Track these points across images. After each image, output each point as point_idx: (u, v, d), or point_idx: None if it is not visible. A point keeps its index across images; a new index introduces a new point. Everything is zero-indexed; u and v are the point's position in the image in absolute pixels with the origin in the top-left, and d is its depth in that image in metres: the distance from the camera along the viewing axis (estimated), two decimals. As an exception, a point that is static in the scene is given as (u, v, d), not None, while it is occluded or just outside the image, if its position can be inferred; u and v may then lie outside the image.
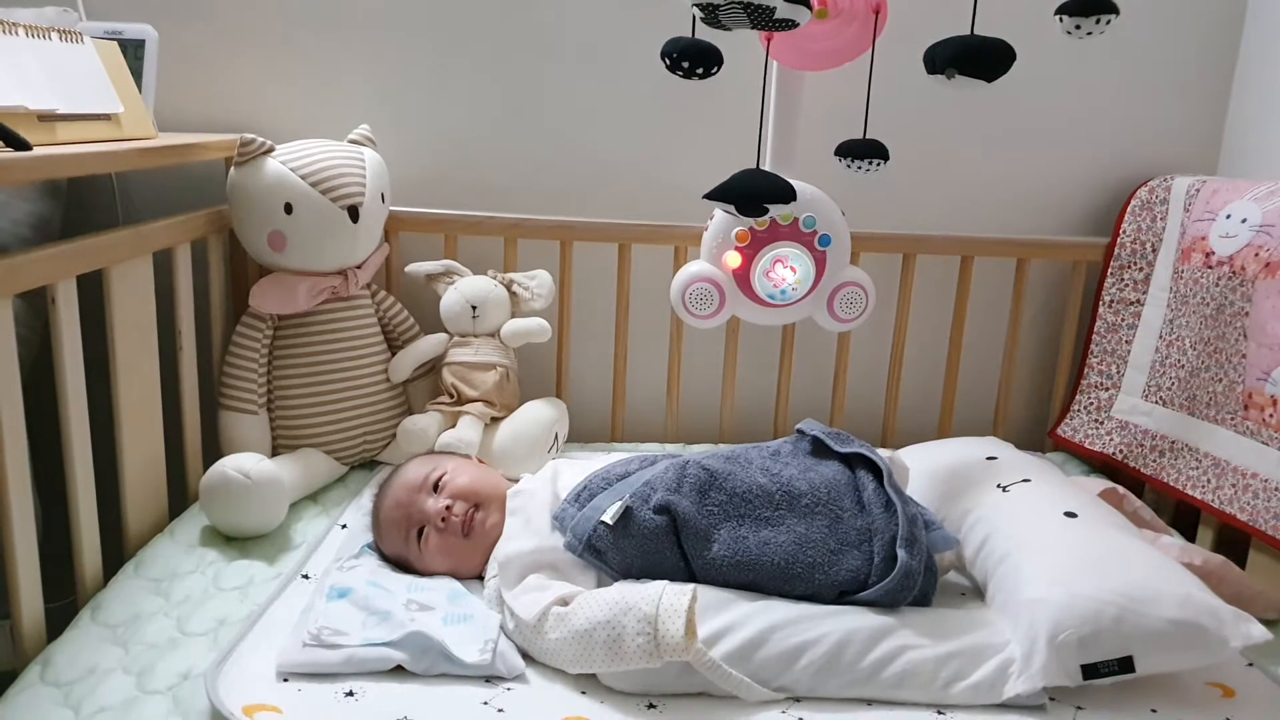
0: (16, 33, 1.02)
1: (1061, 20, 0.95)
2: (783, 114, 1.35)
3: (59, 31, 1.10)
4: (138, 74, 1.26)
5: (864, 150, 1.17)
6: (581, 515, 1.02)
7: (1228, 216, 1.32)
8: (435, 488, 1.10)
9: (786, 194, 1.04)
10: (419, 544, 1.07)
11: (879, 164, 1.17)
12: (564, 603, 0.93)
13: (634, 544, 0.99)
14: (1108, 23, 0.94)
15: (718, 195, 1.06)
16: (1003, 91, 1.27)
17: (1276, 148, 1.46)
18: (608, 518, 0.98)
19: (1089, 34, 0.94)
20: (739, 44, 1.32)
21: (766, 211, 1.07)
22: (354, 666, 0.89)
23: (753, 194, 1.04)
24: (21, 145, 0.92)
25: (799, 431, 1.17)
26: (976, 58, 0.96)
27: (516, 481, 1.18)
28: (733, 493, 1.03)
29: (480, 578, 1.07)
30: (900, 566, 0.96)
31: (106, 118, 1.14)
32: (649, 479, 1.04)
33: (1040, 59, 1.48)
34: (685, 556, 1.00)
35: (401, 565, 1.10)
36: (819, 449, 1.13)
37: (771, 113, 1.36)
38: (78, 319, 1.02)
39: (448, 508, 1.07)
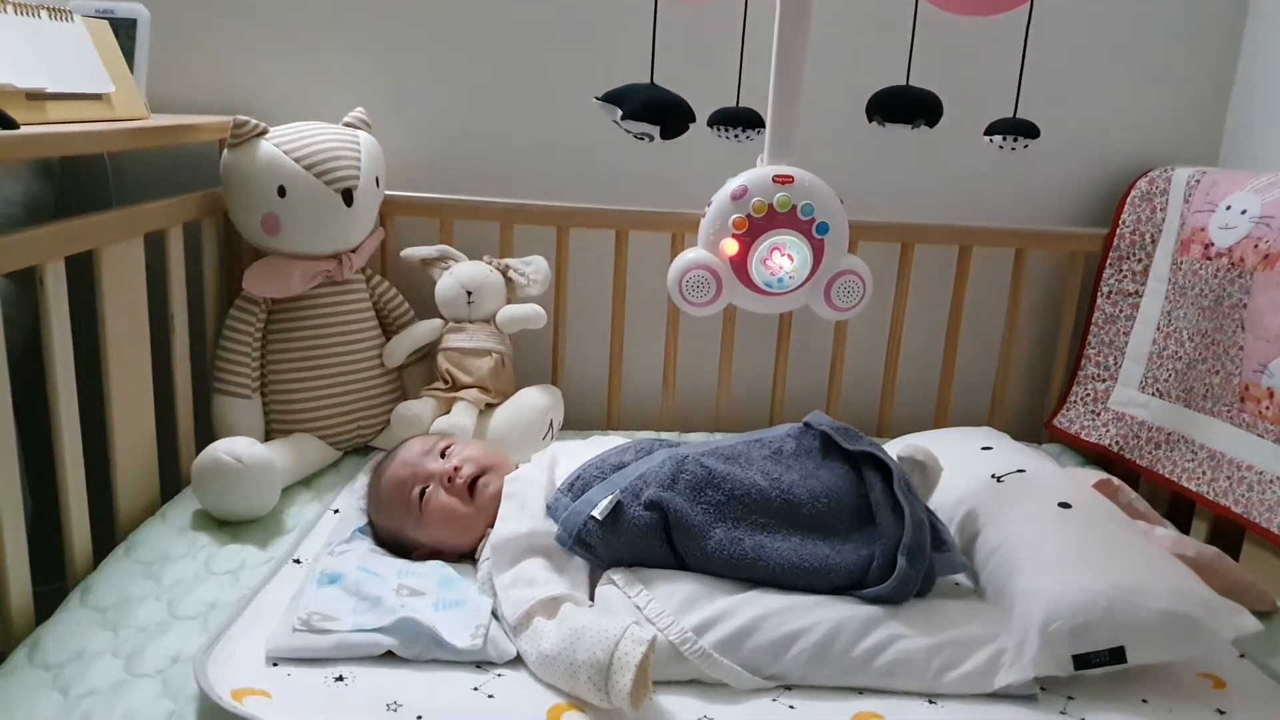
0: (6, 10, 1.01)
1: (992, 140, 1.20)
2: (782, 100, 1.34)
3: (49, 9, 1.08)
4: (129, 53, 1.25)
5: (738, 118, 1.20)
6: (572, 509, 1.01)
7: (1227, 208, 1.31)
8: (442, 455, 1.12)
9: (689, 111, 1.01)
10: (420, 505, 1.07)
11: (758, 132, 1.21)
12: (548, 610, 0.92)
13: (623, 539, 0.98)
14: (1026, 145, 1.19)
15: (637, 116, 1.00)
16: (1003, 81, 1.26)
17: (1278, 139, 1.45)
18: (597, 513, 0.98)
19: (1014, 149, 1.19)
20: (738, 35, 1.31)
21: (686, 130, 1.02)
22: (344, 652, 0.89)
23: (666, 108, 1.00)
24: (9, 124, 0.91)
25: (806, 424, 1.14)
26: (932, 110, 1.21)
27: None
28: (730, 494, 1.01)
29: (473, 559, 1.07)
30: (898, 574, 0.94)
31: (97, 97, 1.13)
32: (643, 472, 1.03)
33: (1039, 48, 1.47)
34: (676, 551, 0.99)
35: (395, 545, 1.09)
36: (825, 445, 1.09)
37: (772, 98, 1.34)
38: (66, 300, 1.01)
39: (455, 468, 1.08)
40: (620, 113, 1.03)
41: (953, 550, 1.01)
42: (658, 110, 0.95)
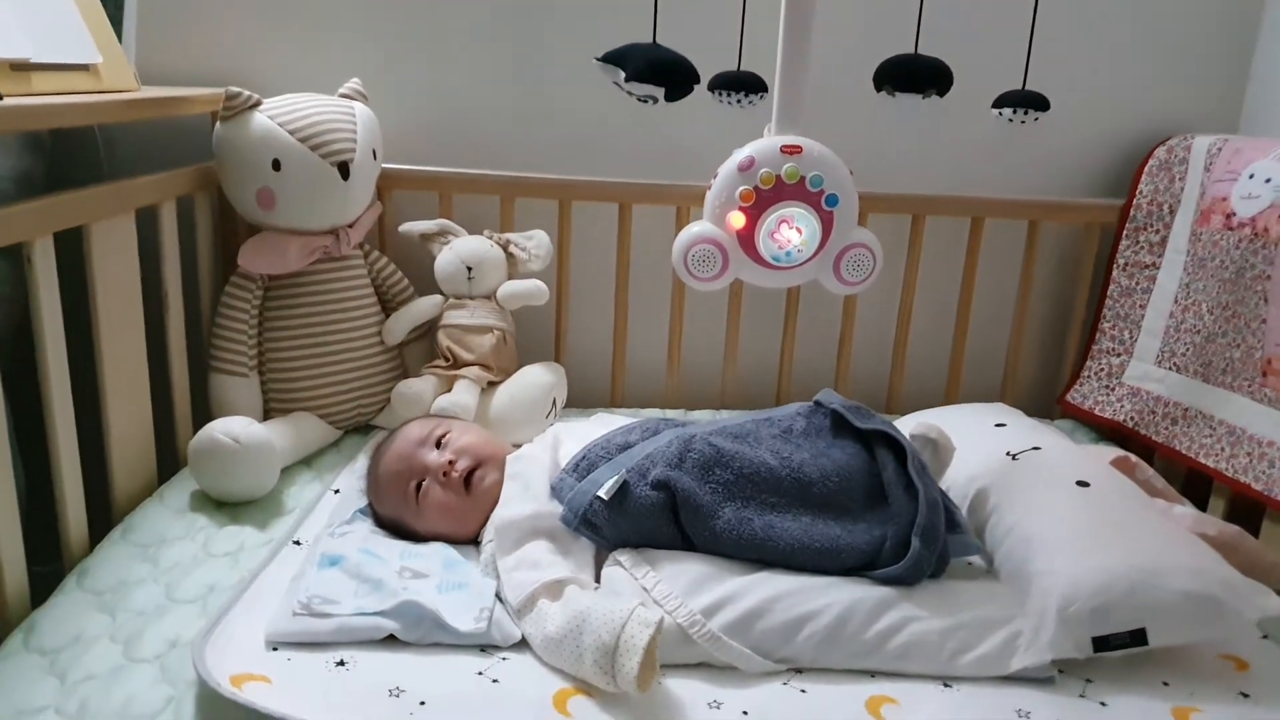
0: (-14, -24, 0.98)
1: (1000, 113, 1.14)
2: (790, 69, 1.30)
3: (32, -24, 1.05)
4: (117, 23, 1.22)
5: (740, 82, 1.19)
6: (578, 489, 0.99)
7: (1250, 176, 1.28)
8: (438, 445, 1.09)
9: (694, 72, 0.97)
10: (417, 498, 1.05)
11: (760, 96, 1.19)
12: (552, 593, 0.90)
13: (629, 520, 0.96)
14: (1036, 118, 1.13)
15: (641, 77, 0.95)
16: (1015, 47, 1.22)
17: (1302, 105, 1.41)
18: (603, 493, 0.96)
19: (1024, 122, 1.13)
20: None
21: (691, 91, 0.97)
22: (345, 636, 0.87)
23: (671, 69, 0.94)
24: (-9, 94, 0.88)
25: (816, 403, 1.12)
26: (943, 79, 1.14)
27: (515, 446, 1.15)
28: (739, 473, 0.99)
29: (475, 543, 1.05)
30: (911, 555, 0.92)
31: (85, 68, 1.09)
32: (650, 452, 1.01)
33: (1053, 13, 1.42)
34: (684, 532, 0.97)
35: (396, 528, 1.08)
36: (837, 424, 1.07)
37: (779, 66, 1.31)
38: (55, 278, 0.98)
39: (450, 462, 1.06)
40: (623, 74, 0.99)
41: (966, 532, 0.99)
42: (662, 71, 0.91)
